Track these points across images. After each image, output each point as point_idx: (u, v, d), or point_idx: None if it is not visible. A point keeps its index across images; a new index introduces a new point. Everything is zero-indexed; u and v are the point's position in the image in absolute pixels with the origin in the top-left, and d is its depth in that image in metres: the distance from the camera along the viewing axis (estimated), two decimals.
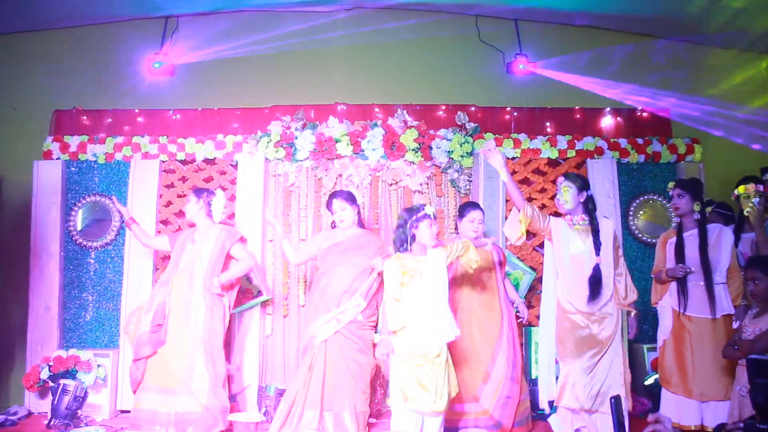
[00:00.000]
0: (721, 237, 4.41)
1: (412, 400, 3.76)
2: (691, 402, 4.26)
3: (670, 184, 4.54)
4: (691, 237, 4.42)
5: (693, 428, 4.26)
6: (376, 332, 4.67)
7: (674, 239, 4.49)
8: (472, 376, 4.45)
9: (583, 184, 4.33)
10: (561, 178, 4.37)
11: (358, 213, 4.88)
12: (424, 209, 3.97)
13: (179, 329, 4.60)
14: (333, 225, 4.91)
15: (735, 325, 4.07)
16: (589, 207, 4.31)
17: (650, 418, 2.03)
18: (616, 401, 2.36)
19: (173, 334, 4.60)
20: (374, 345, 4.62)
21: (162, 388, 4.49)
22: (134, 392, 4.65)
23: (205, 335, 4.60)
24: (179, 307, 4.64)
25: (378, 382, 5.32)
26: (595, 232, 4.25)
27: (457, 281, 4.58)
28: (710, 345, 4.24)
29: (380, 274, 4.43)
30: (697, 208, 4.40)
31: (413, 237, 3.94)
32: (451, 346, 3.96)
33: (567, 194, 4.28)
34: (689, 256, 4.36)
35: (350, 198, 4.83)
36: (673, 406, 4.35)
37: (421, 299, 3.85)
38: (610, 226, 4.32)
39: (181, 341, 4.57)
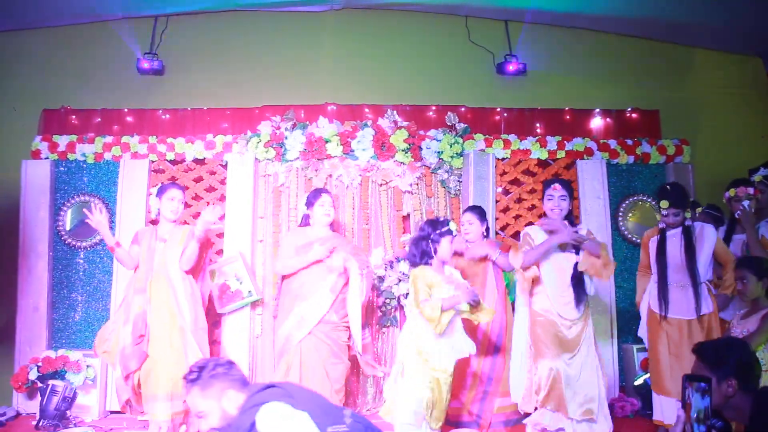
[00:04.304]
0: (704, 235, 4.39)
1: (430, 418, 3.78)
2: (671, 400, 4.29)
3: (665, 204, 4.36)
4: (674, 236, 4.43)
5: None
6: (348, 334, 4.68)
7: (657, 237, 4.50)
8: None
9: (572, 193, 4.40)
10: (557, 186, 4.35)
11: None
12: (448, 225, 3.98)
13: (169, 331, 4.43)
14: (305, 222, 4.89)
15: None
16: (569, 211, 4.38)
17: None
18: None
19: (164, 339, 4.41)
20: (348, 347, 4.67)
21: (170, 394, 4.34)
22: (122, 408, 4.57)
23: (193, 327, 4.48)
24: (163, 311, 4.46)
25: (367, 382, 5.35)
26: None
27: None
28: (689, 344, 4.29)
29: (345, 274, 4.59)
30: (688, 215, 4.41)
31: (435, 251, 3.95)
32: None
33: (564, 202, 4.30)
34: (671, 255, 4.38)
35: (334, 199, 4.83)
36: (659, 405, 4.38)
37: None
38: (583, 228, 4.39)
39: (175, 343, 4.42)
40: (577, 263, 4.18)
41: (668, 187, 4.46)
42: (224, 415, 2.64)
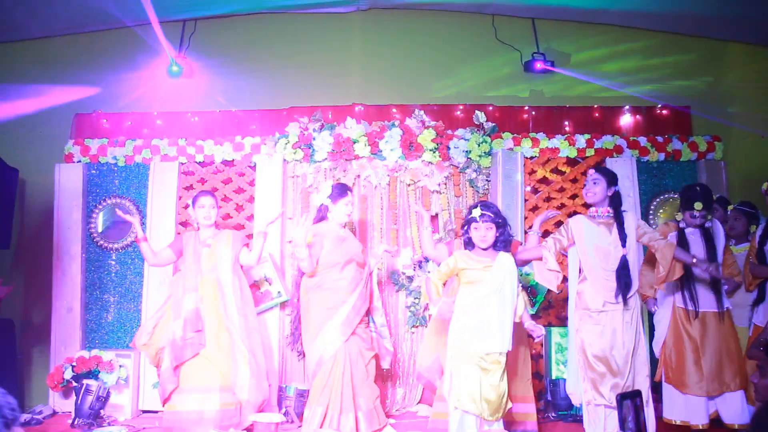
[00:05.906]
0: (718, 232, 4.52)
1: (475, 404, 3.74)
2: (699, 399, 4.31)
3: (698, 206, 4.42)
4: (692, 234, 4.48)
5: (701, 427, 4.28)
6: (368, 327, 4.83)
7: (674, 234, 4.49)
8: None
9: (612, 179, 4.33)
10: (591, 170, 4.38)
11: None
12: (471, 212, 3.99)
13: (217, 331, 4.60)
14: (322, 215, 4.82)
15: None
16: (615, 202, 4.29)
17: None
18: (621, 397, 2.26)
19: (213, 339, 4.58)
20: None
21: (204, 387, 4.48)
22: (163, 401, 4.56)
23: (240, 329, 4.62)
24: (211, 312, 4.63)
25: (397, 382, 5.35)
26: (620, 225, 4.22)
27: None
28: (716, 338, 4.36)
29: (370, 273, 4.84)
30: (698, 207, 4.38)
31: (469, 240, 4.00)
32: None
33: (597, 186, 4.27)
34: (695, 252, 4.38)
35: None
36: (682, 405, 4.36)
37: (483, 300, 3.86)
38: (632, 220, 4.30)
39: (223, 343, 4.59)
40: (623, 256, 4.15)
41: (698, 188, 4.49)
42: None
